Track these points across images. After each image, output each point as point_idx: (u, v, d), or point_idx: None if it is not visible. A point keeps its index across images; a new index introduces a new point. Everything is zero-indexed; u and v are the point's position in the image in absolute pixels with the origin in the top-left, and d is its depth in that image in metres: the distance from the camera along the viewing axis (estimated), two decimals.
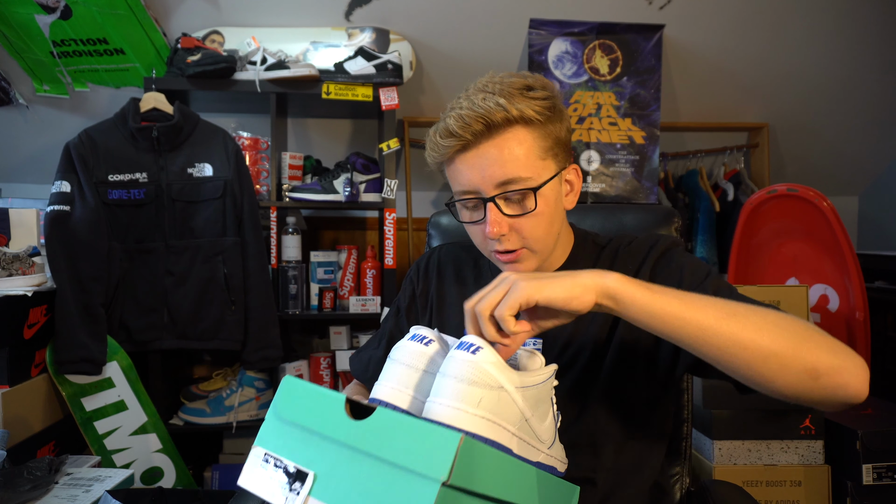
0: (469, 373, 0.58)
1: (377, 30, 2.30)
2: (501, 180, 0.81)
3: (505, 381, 0.60)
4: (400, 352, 0.66)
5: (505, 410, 0.60)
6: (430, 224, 1.30)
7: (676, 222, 1.16)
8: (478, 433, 0.58)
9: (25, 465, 1.30)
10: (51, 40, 2.13)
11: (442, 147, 0.84)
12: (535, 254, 0.86)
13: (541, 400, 0.65)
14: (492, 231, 0.82)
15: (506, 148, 0.81)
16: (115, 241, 1.87)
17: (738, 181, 2.66)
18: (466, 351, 0.59)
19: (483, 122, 0.80)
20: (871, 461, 1.65)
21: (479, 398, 0.58)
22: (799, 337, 0.65)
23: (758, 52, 2.46)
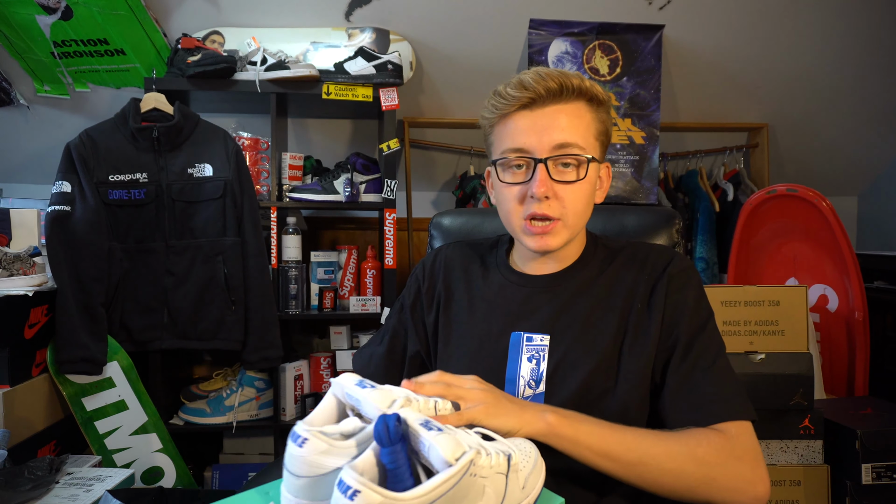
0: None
1: (377, 30, 2.31)
2: (560, 143, 0.84)
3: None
4: (287, 459, 0.64)
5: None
6: (433, 225, 1.30)
7: (677, 224, 1.17)
8: None
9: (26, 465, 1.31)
10: (51, 41, 2.13)
11: (510, 97, 0.85)
12: (567, 229, 0.87)
13: (459, 496, 0.60)
14: (539, 190, 0.83)
15: (569, 115, 0.85)
16: (116, 241, 1.87)
17: (738, 181, 2.66)
18: (345, 495, 0.54)
19: (559, 82, 0.83)
20: (871, 461, 1.66)
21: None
22: (698, 481, 0.76)
23: (758, 52, 2.47)
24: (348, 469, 0.55)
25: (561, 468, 0.80)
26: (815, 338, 2.05)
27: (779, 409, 1.69)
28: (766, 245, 2.33)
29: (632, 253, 0.94)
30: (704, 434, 0.78)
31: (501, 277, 0.97)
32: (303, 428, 0.62)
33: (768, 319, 1.72)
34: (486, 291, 0.97)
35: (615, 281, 0.91)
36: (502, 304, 0.93)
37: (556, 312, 0.90)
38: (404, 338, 1.03)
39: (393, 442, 0.58)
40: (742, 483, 0.76)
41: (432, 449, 0.60)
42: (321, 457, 0.61)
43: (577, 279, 0.92)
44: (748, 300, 1.73)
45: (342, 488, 0.54)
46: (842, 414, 1.77)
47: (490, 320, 0.94)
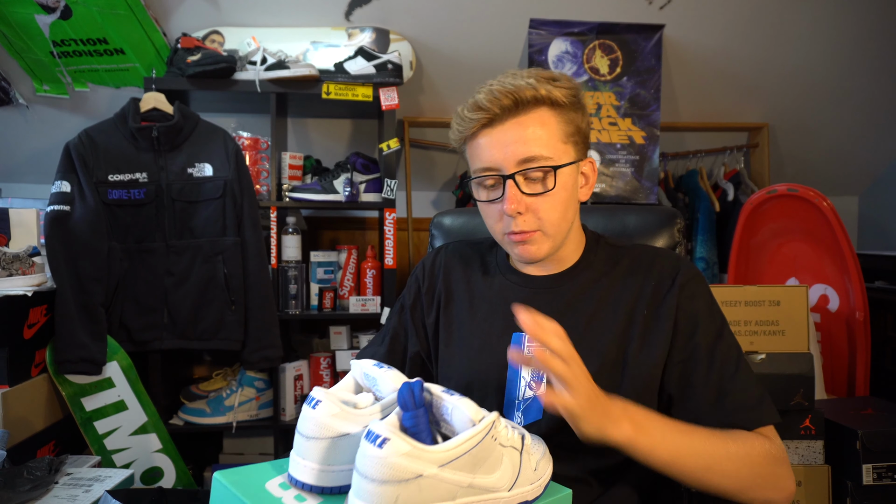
0: (379, 471, 0.54)
1: (377, 30, 2.30)
2: (523, 157, 0.84)
3: (424, 467, 0.55)
4: (300, 422, 0.64)
5: (436, 494, 0.56)
6: (433, 224, 1.30)
7: (679, 223, 1.16)
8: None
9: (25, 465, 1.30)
10: (51, 40, 2.13)
11: (468, 121, 0.85)
12: (549, 238, 0.87)
13: (481, 458, 0.60)
14: (509, 207, 0.83)
15: (530, 126, 0.84)
16: (115, 241, 1.87)
17: (738, 181, 2.66)
18: (373, 444, 0.54)
19: (512, 97, 0.83)
20: (872, 461, 1.65)
21: (395, 497, 0.54)
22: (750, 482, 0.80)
23: (758, 52, 2.46)
24: (375, 423, 0.56)
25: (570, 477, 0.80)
26: (815, 338, 2.05)
27: (779, 409, 1.67)
28: (766, 245, 2.32)
29: (637, 256, 0.93)
30: (753, 438, 0.82)
31: (502, 278, 0.97)
32: (319, 391, 0.63)
33: (769, 319, 1.72)
34: (487, 292, 0.97)
35: (620, 284, 0.90)
36: (503, 304, 0.93)
37: (558, 314, 0.88)
38: (404, 339, 1.02)
39: (417, 405, 0.59)
40: (782, 483, 0.81)
41: (456, 410, 0.61)
42: (334, 419, 0.61)
43: (580, 280, 0.92)
44: (748, 300, 1.73)
45: (370, 437, 0.55)
46: (842, 414, 1.77)
47: (491, 321, 0.94)
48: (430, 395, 0.63)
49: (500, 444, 0.63)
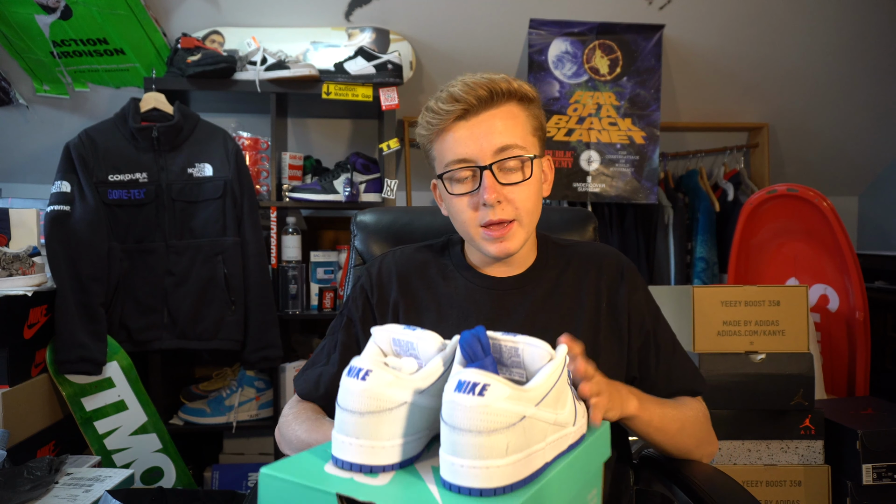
0: (485, 421, 0.50)
1: (377, 30, 2.30)
2: (500, 146, 0.85)
3: (525, 408, 0.53)
4: (343, 397, 0.57)
5: (535, 434, 0.54)
6: (356, 224, 1.23)
7: (593, 223, 1.23)
8: (518, 480, 0.52)
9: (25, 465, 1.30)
10: (51, 40, 2.13)
11: (443, 112, 0.86)
12: (523, 228, 0.89)
13: (561, 392, 0.59)
14: (489, 196, 0.84)
15: (504, 118, 0.86)
16: (115, 241, 1.87)
17: (738, 181, 2.66)
18: (472, 394, 0.50)
19: (488, 89, 0.84)
20: (871, 461, 1.65)
21: (505, 445, 0.51)
22: (700, 439, 0.94)
23: (758, 52, 2.46)
24: (463, 371, 0.52)
25: None
26: (815, 338, 2.05)
27: (779, 409, 1.69)
28: (766, 245, 2.32)
29: (584, 254, 0.98)
30: (697, 404, 0.96)
31: (465, 281, 0.95)
32: (362, 360, 0.57)
33: (769, 319, 1.72)
34: (453, 296, 0.95)
35: (579, 280, 0.95)
36: (474, 307, 0.93)
37: (532, 312, 0.92)
38: (357, 353, 1.00)
39: (486, 353, 0.56)
40: (713, 439, 0.96)
41: (529, 348, 0.59)
42: (387, 389, 0.56)
43: (543, 280, 0.94)
44: (748, 300, 1.73)
45: (463, 387, 0.51)
46: (842, 414, 1.77)
47: (463, 325, 0.92)
48: (494, 340, 0.60)
49: (569, 384, 0.64)
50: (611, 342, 0.92)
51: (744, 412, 1.71)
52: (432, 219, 1.22)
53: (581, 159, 2.41)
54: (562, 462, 0.59)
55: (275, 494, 0.56)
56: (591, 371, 0.72)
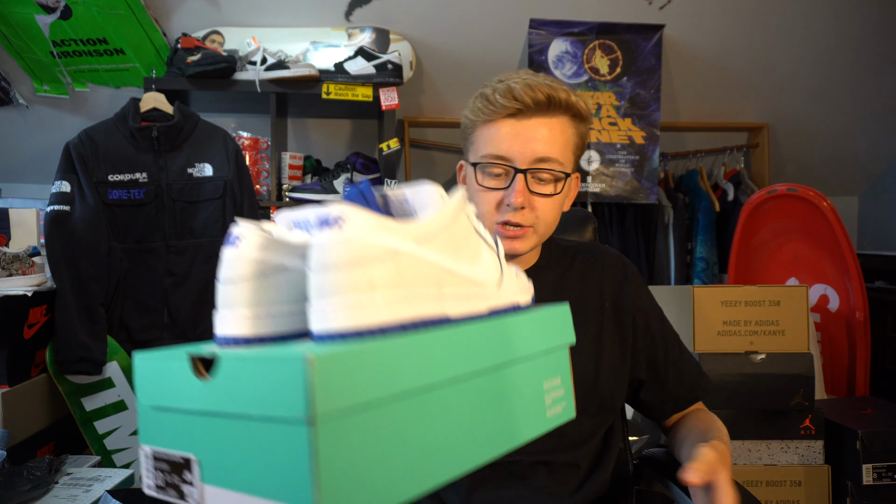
0: (342, 255, 0.44)
1: (377, 30, 2.30)
2: (541, 156, 0.85)
3: (398, 243, 0.46)
4: (220, 270, 0.51)
5: (414, 276, 0.47)
6: None
7: (592, 223, 1.23)
8: (389, 322, 0.45)
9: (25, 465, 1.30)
10: (51, 40, 2.13)
11: (498, 105, 0.85)
12: (537, 236, 0.89)
13: (460, 241, 0.52)
14: (517, 200, 0.84)
15: (553, 129, 0.86)
16: (115, 241, 1.87)
17: (738, 181, 2.66)
18: (329, 227, 0.44)
19: (547, 96, 0.84)
20: (871, 461, 1.65)
21: (367, 280, 0.44)
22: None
23: (758, 52, 2.46)
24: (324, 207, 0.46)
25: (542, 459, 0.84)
26: (815, 338, 2.05)
27: (779, 409, 1.69)
28: (766, 245, 2.32)
29: (587, 253, 0.99)
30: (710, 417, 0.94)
31: None
32: (238, 227, 0.51)
33: (769, 319, 1.72)
34: None
35: (582, 281, 0.95)
36: None
37: None
38: None
39: (371, 208, 0.49)
40: None
41: (419, 194, 0.52)
42: (262, 252, 0.50)
43: (547, 279, 0.95)
44: (748, 300, 1.73)
45: (322, 223, 0.44)
46: (843, 414, 1.77)
47: None
48: (382, 195, 0.53)
49: (476, 232, 0.55)
50: (614, 343, 0.92)
51: (744, 412, 1.71)
52: None
53: (581, 159, 2.41)
54: (478, 323, 0.51)
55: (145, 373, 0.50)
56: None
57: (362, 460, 0.41)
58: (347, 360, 0.40)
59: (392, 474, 0.42)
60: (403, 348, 0.44)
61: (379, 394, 0.41)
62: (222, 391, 0.43)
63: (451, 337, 0.48)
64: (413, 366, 0.44)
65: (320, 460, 0.38)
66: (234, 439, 0.43)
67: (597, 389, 0.89)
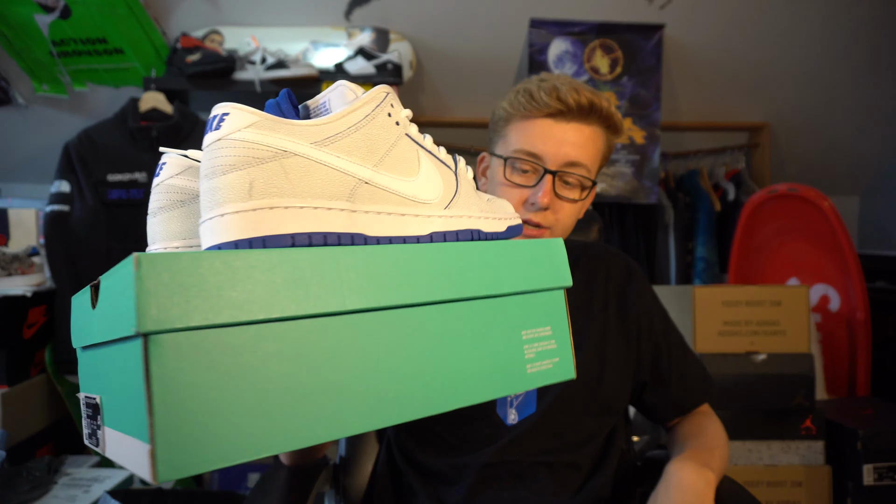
0: (219, 157, 0.37)
1: (377, 30, 2.30)
2: (571, 160, 0.85)
3: (288, 143, 0.39)
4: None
5: (311, 183, 0.39)
6: None
7: (598, 223, 1.24)
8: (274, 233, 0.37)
9: (25, 466, 1.30)
10: (50, 40, 2.13)
11: (541, 102, 0.85)
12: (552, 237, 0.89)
13: (381, 146, 0.43)
14: (543, 200, 0.84)
15: (587, 136, 0.86)
16: (115, 241, 1.87)
17: (739, 181, 2.65)
18: (211, 129, 0.39)
19: (591, 103, 0.85)
20: (872, 461, 1.65)
21: (247, 184, 0.37)
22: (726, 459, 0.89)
23: (759, 51, 2.46)
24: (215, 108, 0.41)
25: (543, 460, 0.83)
26: (816, 338, 2.04)
27: (780, 409, 1.69)
28: (767, 245, 2.32)
29: (590, 254, 0.99)
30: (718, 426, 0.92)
31: None
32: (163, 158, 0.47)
33: (769, 320, 1.72)
34: None
35: (587, 282, 0.95)
36: None
37: None
38: None
39: (285, 113, 0.43)
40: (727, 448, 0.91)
41: (334, 95, 0.44)
42: (179, 179, 0.45)
43: None
44: (749, 300, 1.73)
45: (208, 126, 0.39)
46: (843, 414, 1.77)
47: None
48: (305, 107, 0.46)
49: (411, 140, 0.46)
50: (619, 344, 0.92)
51: (744, 412, 1.70)
52: None
53: None
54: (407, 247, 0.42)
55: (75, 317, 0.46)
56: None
57: (217, 393, 0.33)
58: (191, 266, 0.32)
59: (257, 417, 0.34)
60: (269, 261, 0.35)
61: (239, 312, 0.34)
62: (102, 318, 0.38)
63: (354, 258, 0.38)
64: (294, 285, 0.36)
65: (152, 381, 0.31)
66: (109, 372, 0.38)
67: (601, 390, 0.89)
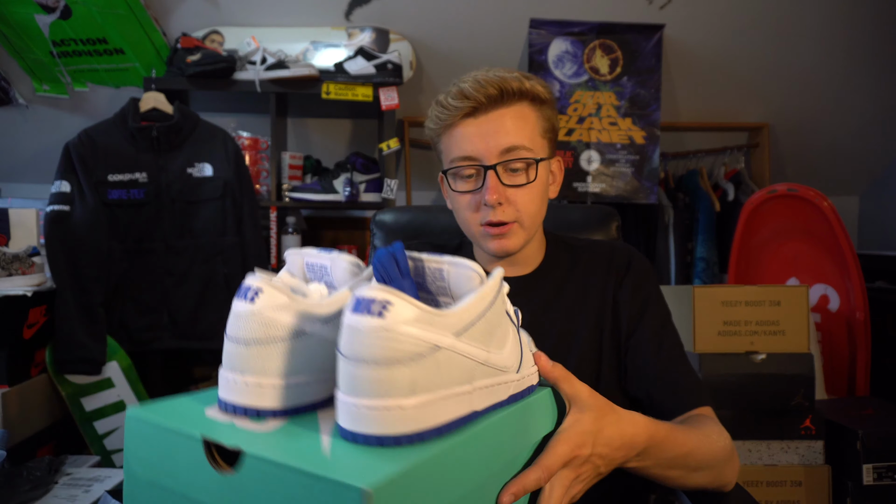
0: (385, 349, 0.40)
1: (377, 29, 2.30)
2: (506, 147, 0.84)
3: (441, 337, 0.42)
4: (230, 323, 0.47)
5: (451, 372, 0.43)
6: (375, 223, 1.25)
7: (616, 221, 1.21)
8: (429, 428, 0.42)
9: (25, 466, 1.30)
10: (50, 40, 2.13)
11: (452, 108, 0.84)
12: (524, 230, 0.87)
13: (494, 326, 0.48)
14: (491, 197, 0.83)
15: (513, 118, 0.84)
16: (115, 241, 1.87)
17: (739, 181, 2.65)
18: (369, 314, 0.40)
19: (498, 88, 0.83)
20: (872, 461, 1.65)
21: (410, 381, 0.40)
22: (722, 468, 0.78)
23: (758, 51, 2.46)
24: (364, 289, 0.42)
25: None
26: (816, 338, 2.04)
27: (780, 409, 1.69)
28: (766, 245, 2.32)
29: (595, 252, 0.96)
30: (714, 423, 0.81)
31: None
32: (255, 278, 0.47)
33: (769, 319, 1.72)
34: None
35: (585, 281, 0.93)
36: None
37: (536, 314, 0.90)
38: None
39: (403, 274, 0.46)
40: (737, 470, 0.81)
41: (454, 271, 0.47)
42: (279, 313, 0.45)
43: (550, 281, 0.93)
44: (749, 300, 1.73)
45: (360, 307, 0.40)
46: (843, 414, 1.77)
47: None
48: (415, 260, 0.49)
49: (506, 312, 0.51)
50: (615, 340, 0.90)
51: (744, 412, 1.70)
52: (449, 218, 1.22)
53: (581, 159, 2.41)
54: (498, 414, 0.49)
55: (142, 441, 0.46)
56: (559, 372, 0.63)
57: None
58: (400, 486, 0.38)
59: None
60: (444, 460, 0.42)
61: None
62: (247, 494, 0.40)
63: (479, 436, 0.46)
64: (453, 474, 0.43)
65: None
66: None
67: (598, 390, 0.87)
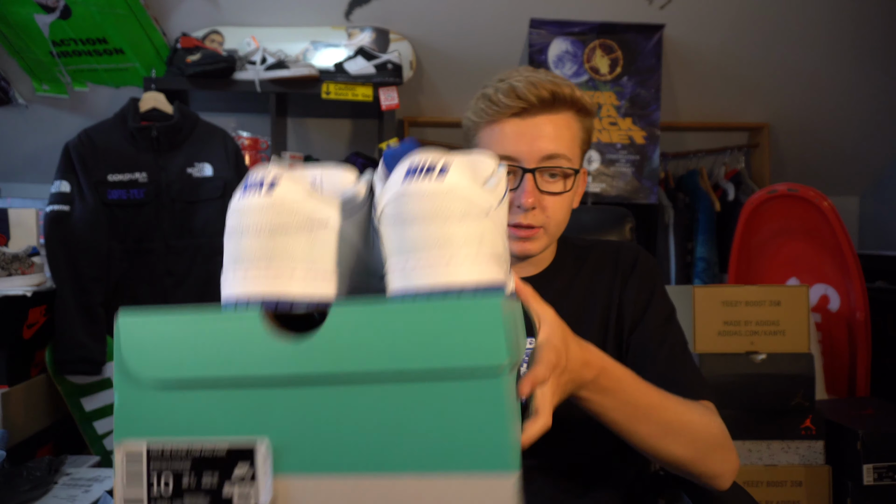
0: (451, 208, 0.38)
1: (377, 29, 2.30)
2: (548, 153, 0.83)
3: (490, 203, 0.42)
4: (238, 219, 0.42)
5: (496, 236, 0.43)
6: None
7: (630, 222, 1.20)
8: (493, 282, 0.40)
9: (25, 466, 1.30)
10: (50, 40, 2.13)
11: (502, 105, 0.83)
12: (548, 236, 0.88)
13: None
14: (527, 201, 0.83)
15: (559, 126, 0.84)
16: (115, 242, 1.87)
17: (739, 181, 2.65)
18: (429, 178, 0.38)
19: (551, 93, 0.82)
20: (872, 461, 1.65)
21: (479, 234, 0.40)
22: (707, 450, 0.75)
23: (758, 52, 2.46)
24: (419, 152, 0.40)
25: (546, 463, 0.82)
26: (816, 338, 2.04)
27: (780, 409, 1.69)
28: (766, 245, 2.32)
29: (601, 253, 0.96)
30: (705, 408, 0.78)
31: None
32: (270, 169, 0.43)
33: (769, 319, 1.72)
34: None
35: (592, 282, 0.93)
36: None
37: None
38: None
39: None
40: (731, 456, 0.77)
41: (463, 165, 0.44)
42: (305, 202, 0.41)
43: (558, 282, 0.93)
44: (749, 300, 1.73)
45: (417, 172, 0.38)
46: (843, 414, 1.77)
47: None
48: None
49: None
50: (619, 339, 0.90)
51: (744, 412, 1.70)
52: None
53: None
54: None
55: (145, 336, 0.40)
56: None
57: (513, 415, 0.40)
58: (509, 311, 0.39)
59: None
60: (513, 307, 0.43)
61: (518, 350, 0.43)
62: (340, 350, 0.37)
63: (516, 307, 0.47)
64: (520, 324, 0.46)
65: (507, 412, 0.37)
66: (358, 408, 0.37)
67: None
